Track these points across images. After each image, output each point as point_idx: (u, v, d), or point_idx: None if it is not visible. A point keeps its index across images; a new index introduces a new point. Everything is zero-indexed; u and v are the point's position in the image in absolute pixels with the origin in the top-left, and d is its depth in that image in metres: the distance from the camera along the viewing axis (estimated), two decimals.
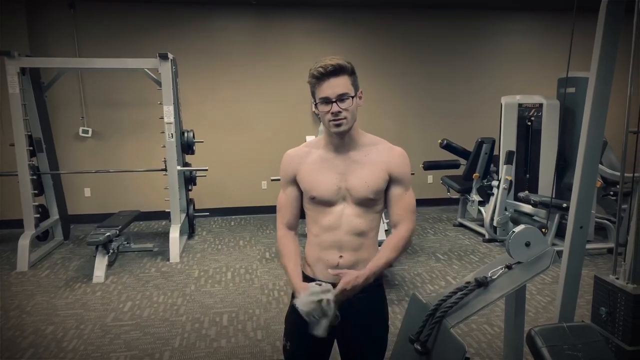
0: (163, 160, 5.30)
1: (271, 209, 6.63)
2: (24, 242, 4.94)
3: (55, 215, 5.78)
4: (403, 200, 1.77)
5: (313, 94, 1.69)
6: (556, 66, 6.30)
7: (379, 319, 1.88)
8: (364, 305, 1.76)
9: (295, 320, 1.85)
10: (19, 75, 4.99)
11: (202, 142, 5.92)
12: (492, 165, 5.77)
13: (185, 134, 5.72)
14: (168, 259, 5.07)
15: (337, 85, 1.63)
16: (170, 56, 5.19)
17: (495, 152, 5.66)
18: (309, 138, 5.43)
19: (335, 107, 1.64)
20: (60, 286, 4.43)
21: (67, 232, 5.98)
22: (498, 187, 5.21)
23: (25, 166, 5.08)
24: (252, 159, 6.89)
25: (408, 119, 7.21)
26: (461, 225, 6.12)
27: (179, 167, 5.34)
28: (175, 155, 5.24)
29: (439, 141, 6.07)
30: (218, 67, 6.73)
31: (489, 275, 2.28)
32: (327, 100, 1.64)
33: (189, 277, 4.60)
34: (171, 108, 5.17)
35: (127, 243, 5.37)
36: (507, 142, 5.32)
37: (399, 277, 4.48)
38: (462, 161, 6.10)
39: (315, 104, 1.69)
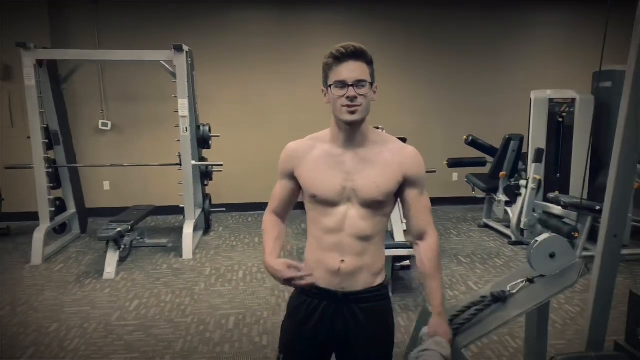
0: (177, 154, 5.20)
1: None
2: (38, 236, 4.91)
3: (72, 208, 5.75)
4: (422, 202, 1.65)
5: (326, 78, 1.54)
6: (591, 59, 5.88)
7: (384, 333, 1.71)
8: (368, 318, 1.61)
9: (292, 332, 1.71)
10: (36, 67, 4.94)
11: (218, 136, 5.80)
12: (521, 164, 5.47)
13: (201, 128, 5.60)
14: (181, 255, 4.97)
15: (356, 69, 1.49)
16: (186, 48, 5.07)
17: (524, 150, 5.36)
18: None
19: (351, 92, 1.48)
20: (71, 281, 4.37)
21: (85, 226, 5.95)
22: (526, 186, 4.92)
23: (40, 159, 5.04)
24: (269, 154, 6.64)
25: (431, 114, 6.94)
26: (486, 226, 5.84)
27: (193, 162, 5.22)
28: (189, 149, 5.12)
29: (464, 137, 5.80)
30: (236, 60, 6.60)
31: (508, 289, 2.06)
32: (343, 84, 1.49)
33: (200, 275, 4.48)
34: (186, 101, 5.06)
35: (141, 238, 5.29)
36: (537, 139, 5.02)
37: (417, 281, 4.26)
38: (489, 159, 5.83)
39: (328, 88, 1.53)
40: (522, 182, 5.04)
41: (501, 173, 5.34)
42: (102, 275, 4.45)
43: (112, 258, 4.52)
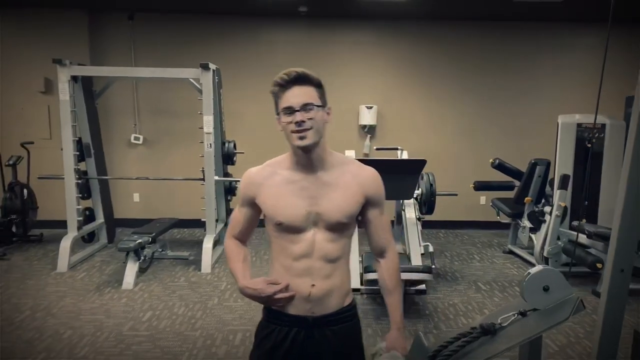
0: (201, 169, 5.30)
1: None
2: (65, 244, 5.09)
3: (100, 218, 5.94)
4: (382, 221, 1.72)
5: (276, 106, 1.55)
6: (623, 84, 5.66)
7: (355, 353, 1.72)
8: (339, 339, 1.63)
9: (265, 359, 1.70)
10: (70, 82, 5.18)
11: (243, 153, 5.89)
12: (549, 189, 5.31)
13: (226, 145, 5.71)
14: (200, 269, 5.04)
15: (301, 94, 1.51)
16: (213, 67, 5.20)
17: (551, 176, 5.21)
18: (348, 153, 5.24)
19: (299, 116, 1.49)
20: (91, 290, 4.50)
21: (112, 236, 6.13)
22: (550, 213, 4.77)
23: (71, 170, 5.24)
24: None
25: (457, 136, 6.83)
26: (511, 252, 5.67)
27: (216, 177, 5.32)
28: (212, 165, 5.22)
29: (491, 160, 5.69)
30: (264, 78, 6.66)
31: (499, 321, 2.00)
32: (290, 110, 1.51)
33: (215, 289, 4.53)
34: (211, 118, 5.18)
35: (163, 250, 5.40)
36: (563, 164, 4.87)
37: (431, 306, 4.17)
38: (517, 183, 5.68)
39: (278, 116, 1.55)
40: (547, 209, 4.88)
41: (526, 198, 5.19)
42: (121, 285, 4.57)
43: (131, 269, 4.64)
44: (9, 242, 5.76)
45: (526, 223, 5.19)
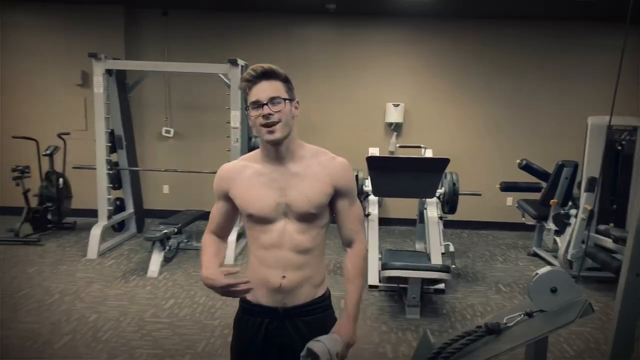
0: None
1: (334, 220, 6.57)
2: (95, 232, 5.28)
3: (130, 208, 6.13)
4: (352, 212, 1.70)
5: (245, 101, 1.59)
6: None
7: None
8: (311, 331, 1.64)
9: (241, 352, 1.76)
10: (105, 76, 5.35)
11: None
12: (577, 192, 5.20)
13: (252, 140, 5.80)
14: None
15: (269, 88, 1.54)
16: (241, 62, 5.29)
17: (579, 178, 5.10)
18: (372, 150, 5.26)
19: (266, 110, 1.53)
20: (118, 277, 4.66)
21: (141, 226, 6.32)
22: (576, 216, 4.68)
23: (103, 161, 5.43)
24: None
25: (484, 136, 6.75)
26: (536, 255, 5.58)
27: None
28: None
29: (518, 161, 5.61)
30: (292, 75, 6.72)
31: (504, 321, 2.00)
32: (257, 104, 1.55)
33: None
34: (238, 113, 5.28)
35: (188, 241, 5.53)
36: (591, 167, 4.75)
37: (449, 305, 4.16)
38: (544, 184, 5.58)
39: (247, 110, 1.58)
40: (573, 212, 4.79)
41: (552, 200, 5.10)
42: (146, 273, 4.71)
43: (156, 258, 4.78)
44: (45, 228, 6.00)
45: (551, 225, 5.10)
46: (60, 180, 6.07)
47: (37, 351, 3.24)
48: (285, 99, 1.56)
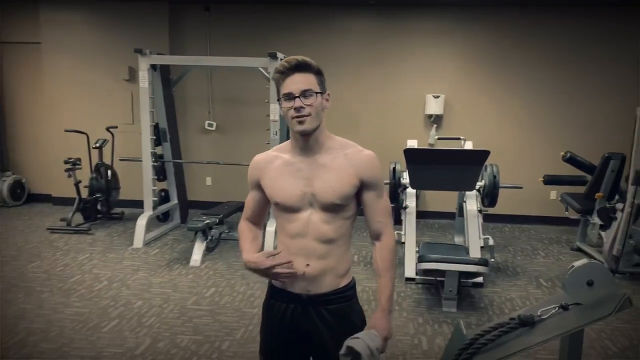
0: None
1: None
2: (141, 222, 5.49)
3: (175, 200, 6.33)
4: (380, 205, 1.71)
5: (278, 92, 1.63)
6: None
7: (350, 331, 1.72)
8: (334, 319, 1.69)
9: (269, 336, 1.81)
10: (149, 70, 5.54)
11: None
12: (624, 185, 5.02)
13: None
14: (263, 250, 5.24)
15: (301, 81, 1.58)
16: (280, 56, 5.35)
17: (627, 171, 4.92)
18: (410, 142, 5.24)
19: (298, 102, 1.56)
20: (162, 265, 4.84)
21: (185, 216, 6.51)
22: (622, 210, 4.52)
23: (148, 153, 5.63)
24: None
25: (527, 128, 6.57)
26: (580, 250, 5.42)
27: None
28: None
29: (562, 153, 5.46)
30: (332, 68, 6.76)
31: (539, 313, 1.99)
32: (290, 96, 1.58)
33: None
34: (277, 106, 5.34)
35: (230, 231, 5.67)
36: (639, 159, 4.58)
37: (487, 299, 4.12)
38: (590, 177, 5.41)
39: (279, 101, 1.62)
40: (619, 206, 4.63)
41: (597, 194, 4.94)
42: (189, 262, 4.87)
43: (199, 247, 4.93)
44: (94, 218, 6.27)
45: (596, 220, 4.95)
46: (109, 172, 6.32)
47: (87, 334, 3.42)
48: (317, 92, 1.60)
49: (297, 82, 1.57)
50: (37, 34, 6.92)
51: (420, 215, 6.64)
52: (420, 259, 3.96)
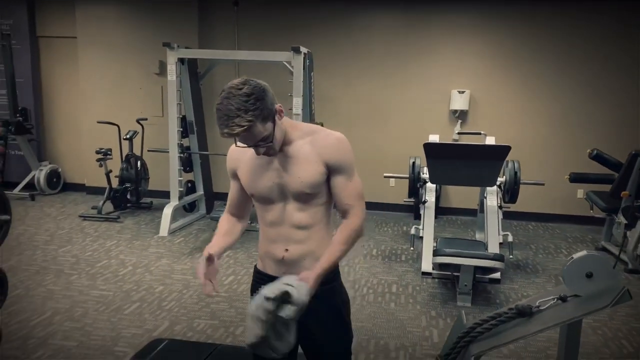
0: None
1: (395, 207, 6.57)
2: (167, 212, 5.66)
3: (200, 190, 6.49)
4: (349, 188, 1.69)
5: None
6: None
7: (333, 316, 1.81)
8: (315, 302, 1.61)
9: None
10: (177, 64, 5.69)
11: None
12: None
13: None
14: None
15: (247, 137, 1.55)
16: (304, 50, 5.42)
17: None
18: (432, 137, 5.23)
19: (258, 150, 1.60)
20: (185, 253, 4.99)
21: (210, 207, 6.65)
22: None
23: (175, 145, 5.79)
24: (380, 155, 6.77)
25: (553, 124, 6.44)
26: (604, 249, 5.30)
27: None
28: None
29: (588, 151, 5.36)
30: (357, 64, 6.80)
31: (537, 304, 2.00)
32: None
33: None
34: (300, 100, 5.42)
35: (252, 223, 5.74)
36: None
37: (503, 295, 4.10)
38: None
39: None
40: None
41: (623, 192, 4.83)
42: None
43: None
44: (124, 207, 6.48)
45: (621, 219, 4.85)
46: (139, 162, 6.52)
47: (109, 315, 3.58)
48: (265, 135, 1.56)
49: (245, 140, 1.57)
50: (73, 29, 7.16)
51: (443, 211, 6.63)
52: (435, 253, 3.98)
